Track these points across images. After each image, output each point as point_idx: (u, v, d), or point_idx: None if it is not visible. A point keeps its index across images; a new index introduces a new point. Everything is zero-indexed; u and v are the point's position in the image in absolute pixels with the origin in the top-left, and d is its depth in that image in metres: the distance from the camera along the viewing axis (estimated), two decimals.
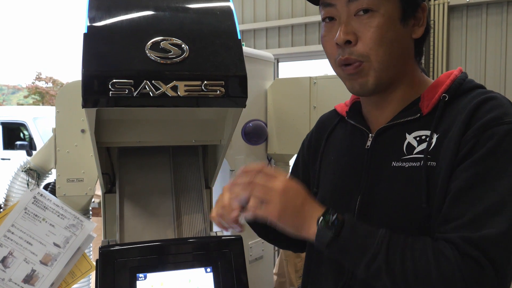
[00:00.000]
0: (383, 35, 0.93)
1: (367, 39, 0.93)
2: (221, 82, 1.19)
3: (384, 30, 0.93)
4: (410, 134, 0.96)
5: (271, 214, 0.89)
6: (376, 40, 0.93)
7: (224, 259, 1.28)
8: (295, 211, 0.89)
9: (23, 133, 8.53)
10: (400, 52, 0.97)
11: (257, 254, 2.54)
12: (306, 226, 0.89)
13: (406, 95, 1.01)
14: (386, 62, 0.95)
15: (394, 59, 0.96)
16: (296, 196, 0.90)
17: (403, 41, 0.97)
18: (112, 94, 1.12)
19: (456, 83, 0.97)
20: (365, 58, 0.94)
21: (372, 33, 0.93)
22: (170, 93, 1.15)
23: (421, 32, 1.00)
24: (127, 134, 1.43)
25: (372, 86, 0.97)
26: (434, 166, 0.90)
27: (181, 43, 1.19)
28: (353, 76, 0.98)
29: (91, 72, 1.12)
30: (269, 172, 0.91)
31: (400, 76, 1.00)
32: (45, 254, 1.61)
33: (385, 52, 0.94)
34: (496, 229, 0.80)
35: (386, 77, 0.97)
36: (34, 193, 1.64)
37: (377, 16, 0.93)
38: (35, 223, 1.62)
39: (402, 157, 0.95)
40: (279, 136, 2.60)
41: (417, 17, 0.99)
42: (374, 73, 0.95)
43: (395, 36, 0.95)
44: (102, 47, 1.15)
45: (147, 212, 1.55)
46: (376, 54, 0.94)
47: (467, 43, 6.11)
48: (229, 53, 1.23)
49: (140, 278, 1.20)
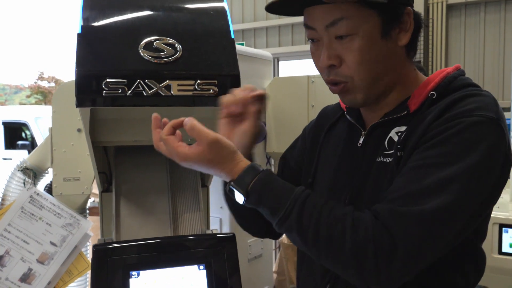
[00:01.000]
0: (365, 56, 0.93)
1: (350, 62, 0.94)
2: (214, 81, 1.20)
3: (365, 51, 0.93)
4: (393, 129, 0.97)
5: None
6: (358, 62, 0.93)
7: (217, 256, 1.29)
8: (208, 171, 0.95)
9: (25, 133, 8.55)
10: (386, 65, 0.96)
11: (256, 253, 2.55)
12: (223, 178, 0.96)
13: (400, 96, 1.00)
14: (371, 80, 0.96)
15: (381, 74, 0.96)
16: (199, 166, 0.94)
17: (389, 53, 0.96)
18: (106, 93, 1.13)
19: (446, 81, 0.95)
20: (349, 79, 0.96)
21: (354, 56, 0.93)
22: (163, 92, 1.16)
23: (408, 38, 0.96)
24: (123, 133, 1.43)
25: (361, 101, 0.99)
26: (401, 156, 0.91)
27: (175, 43, 1.20)
28: (341, 94, 1.00)
29: (84, 72, 1.13)
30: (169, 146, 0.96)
31: (391, 83, 0.99)
32: (41, 253, 1.62)
33: (369, 72, 0.95)
34: (422, 208, 0.80)
35: (375, 91, 0.98)
36: (31, 192, 1.65)
37: (356, 39, 0.92)
38: (31, 222, 1.63)
39: (383, 151, 0.96)
40: (277, 134, 2.61)
41: (403, 22, 0.96)
42: (361, 91, 0.97)
43: (379, 53, 0.94)
44: (95, 47, 1.17)
45: (143, 211, 1.56)
46: (359, 75, 0.94)
47: (465, 41, 6.10)
48: (223, 53, 1.24)
49: (133, 276, 1.21)
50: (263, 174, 0.91)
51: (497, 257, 2.14)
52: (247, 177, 0.91)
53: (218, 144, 0.91)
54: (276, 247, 3.24)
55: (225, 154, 0.92)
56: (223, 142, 0.92)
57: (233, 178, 0.92)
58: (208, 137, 0.91)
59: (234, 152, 0.93)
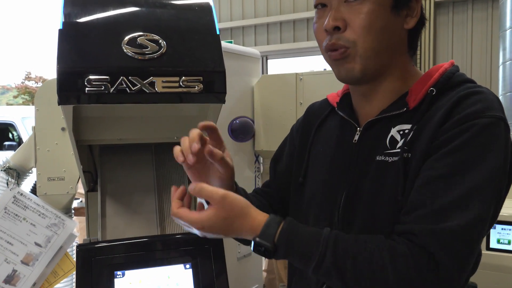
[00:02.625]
0: (373, 22, 0.91)
1: (356, 26, 0.92)
2: (199, 77, 1.18)
3: (373, 17, 0.91)
4: (394, 127, 0.95)
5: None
6: (365, 26, 0.91)
7: (203, 255, 1.28)
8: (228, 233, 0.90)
9: (12, 134, 8.46)
10: (390, 41, 0.95)
11: (245, 251, 2.54)
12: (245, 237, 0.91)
13: (396, 88, 0.99)
14: (373, 50, 0.93)
15: (383, 47, 0.94)
16: (218, 230, 0.89)
17: (394, 30, 0.95)
18: (88, 90, 1.11)
19: (444, 77, 0.94)
20: (351, 44, 0.93)
21: (361, 19, 0.91)
22: (147, 89, 1.14)
23: (414, 23, 0.96)
24: (107, 131, 1.42)
25: (358, 74, 0.95)
26: (409, 158, 0.89)
27: (159, 39, 1.18)
28: (339, 61, 0.96)
29: (66, 69, 1.11)
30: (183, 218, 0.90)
31: (389, 67, 0.98)
32: (26, 254, 1.59)
33: (373, 40, 0.92)
34: (458, 222, 0.79)
35: (373, 66, 0.95)
36: (14, 192, 1.62)
37: (367, 2, 0.91)
38: (15, 222, 1.60)
39: (385, 151, 0.94)
40: (266, 132, 2.59)
41: (411, 7, 0.96)
42: (360, 60, 0.94)
43: (385, 24, 0.92)
44: (77, 43, 1.14)
45: (129, 210, 1.54)
46: (364, 41, 0.92)
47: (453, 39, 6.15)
48: (208, 49, 1.22)
49: (118, 276, 1.19)
50: (286, 223, 0.88)
51: (485, 253, 2.15)
52: (270, 230, 0.87)
53: (229, 199, 0.87)
54: None
55: (239, 209, 0.88)
56: (233, 196, 0.89)
57: (256, 234, 0.88)
58: (218, 193, 0.87)
59: (248, 206, 0.90)
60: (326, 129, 1.13)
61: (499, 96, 3.78)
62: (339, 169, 1.03)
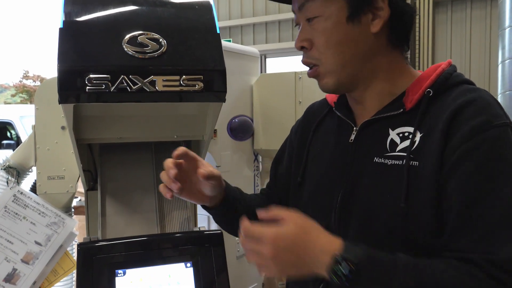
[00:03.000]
0: (329, 38, 0.94)
1: (318, 45, 0.96)
2: (199, 76, 1.18)
3: (329, 33, 0.94)
4: (393, 130, 0.94)
5: (274, 275, 0.87)
6: (323, 44, 0.95)
7: (204, 254, 1.28)
8: (296, 267, 0.83)
9: (10, 132, 8.44)
10: (355, 51, 0.95)
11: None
12: (317, 272, 0.83)
13: (385, 89, 0.98)
14: (338, 64, 0.96)
15: (348, 59, 0.95)
16: (291, 253, 0.82)
17: (357, 39, 0.94)
18: (89, 89, 1.11)
19: (442, 78, 0.93)
20: (318, 61, 0.97)
21: (320, 38, 0.95)
22: (148, 88, 1.14)
23: (379, 26, 0.94)
24: (107, 130, 1.42)
25: (334, 87, 0.99)
26: (416, 166, 0.88)
27: (159, 38, 1.18)
28: (315, 78, 1.01)
29: (66, 67, 1.11)
30: (255, 233, 0.83)
31: (370, 72, 0.97)
32: (26, 253, 1.59)
33: (334, 55, 0.95)
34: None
35: (345, 77, 0.97)
36: (14, 191, 1.62)
37: (321, 21, 0.95)
38: (15, 221, 1.60)
39: (384, 153, 0.93)
40: (265, 131, 2.60)
41: (375, 11, 0.93)
42: (331, 75, 0.97)
43: (343, 37, 0.94)
44: (78, 42, 1.14)
45: (129, 209, 1.54)
46: (326, 58, 0.96)
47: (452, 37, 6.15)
48: (208, 48, 1.23)
49: (119, 274, 1.19)
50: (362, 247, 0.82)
51: None
52: (352, 251, 0.80)
53: (300, 216, 0.85)
54: None
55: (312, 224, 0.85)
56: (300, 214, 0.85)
57: (335, 250, 0.80)
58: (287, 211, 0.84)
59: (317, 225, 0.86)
60: (324, 129, 1.13)
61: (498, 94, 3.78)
62: (335, 169, 1.02)
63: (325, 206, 1.01)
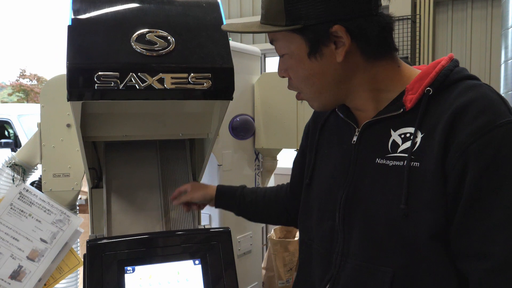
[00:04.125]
0: (297, 74, 0.98)
1: (292, 77, 1.00)
2: (208, 74, 1.19)
3: (295, 69, 0.98)
4: (395, 131, 0.93)
5: None
6: (295, 79, 0.99)
7: (212, 251, 1.28)
8: None
9: (8, 131, 8.42)
10: (327, 79, 0.95)
11: (245, 249, 2.54)
12: None
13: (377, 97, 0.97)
14: (315, 92, 0.99)
15: (321, 88, 0.97)
16: None
17: (324, 71, 0.94)
18: (98, 86, 1.11)
19: (441, 75, 0.91)
20: (299, 89, 1.02)
21: (291, 73, 0.99)
22: (156, 85, 1.15)
23: (341, 55, 0.91)
24: (113, 128, 1.42)
25: (320, 109, 1.04)
26: (417, 167, 0.87)
27: (167, 35, 1.18)
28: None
29: (76, 65, 1.11)
30: None
31: (352, 87, 0.97)
32: (31, 250, 1.59)
33: (308, 85, 0.98)
34: None
35: (328, 100, 1.00)
36: (20, 188, 1.62)
37: (288, 58, 0.98)
38: (21, 218, 1.60)
39: (386, 154, 0.92)
40: (266, 130, 2.60)
41: (337, 39, 0.91)
42: (313, 100, 1.01)
43: (309, 72, 0.95)
44: (86, 39, 1.15)
45: (134, 207, 1.55)
46: (303, 88, 1.00)
47: (452, 37, 6.15)
48: (216, 46, 1.23)
49: (128, 271, 1.20)
50: None
51: None
52: None
53: None
54: (264, 243, 3.24)
55: None
56: None
57: None
58: None
59: None
60: (329, 128, 1.13)
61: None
62: (340, 170, 1.02)
63: (330, 207, 1.02)
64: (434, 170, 0.84)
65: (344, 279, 0.96)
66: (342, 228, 0.98)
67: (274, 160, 2.71)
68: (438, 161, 0.84)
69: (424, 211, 0.85)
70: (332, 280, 0.99)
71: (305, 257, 1.10)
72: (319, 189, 1.08)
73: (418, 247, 0.86)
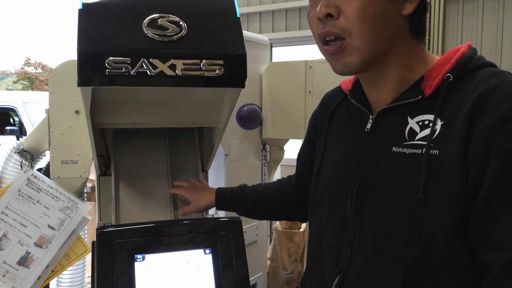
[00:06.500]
0: (366, 9, 0.87)
1: (349, 13, 0.87)
2: (220, 61, 1.16)
3: (367, 3, 0.87)
4: (412, 118, 0.90)
5: None
6: (358, 14, 0.87)
7: (223, 240, 1.27)
8: None
9: (13, 119, 8.43)
10: (386, 29, 0.89)
11: (251, 239, 2.54)
12: None
13: (403, 74, 0.94)
14: (370, 39, 0.88)
15: (379, 35, 0.89)
16: None
17: (390, 17, 0.89)
18: (109, 72, 1.09)
19: (462, 62, 0.88)
20: (347, 33, 0.89)
21: (354, 6, 0.87)
22: (168, 72, 1.13)
23: (412, 9, 0.90)
24: (122, 115, 1.40)
25: (356, 66, 0.92)
26: (436, 155, 0.84)
27: (179, 21, 1.16)
28: (335, 56, 0.92)
29: (86, 50, 1.09)
30: None
31: (389, 54, 0.93)
32: (39, 236, 1.59)
33: (368, 28, 0.87)
34: None
35: (371, 56, 0.90)
36: (28, 174, 1.61)
37: None
38: (29, 205, 1.59)
39: (403, 142, 0.90)
40: (274, 120, 2.58)
41: None
42: (358, 52, 0.90)
43: (380, 11, 0.87)
44: (97, 23, 1.12)
45: (143, 195, 1.54)
46: (359, 30, 0.87)
47: (463, 28, 6.08)
48: (228, 32, 1.20)
49: (138, 259, 1.19)
50: None
51: None
52: None
53: None
54: (269, 234, 3.23)
55: None
56: None
57: None
58: None
59: None
60: (339, 117, 1.10)
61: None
62: (352, 159, 0.99)
63: (341, 196, 0.99)
64: (455, 158, 0.81)
65: (354, 272, 0.94)
66: (353, 219, 0.95)
67: (281, 150, 2.69)
68: (460, 149, 0.81)
69: (443, 200, 0.82)
70: (342, 273, 0.96)
71: (315, 249, 1.08)
72: (328, 178, 1.06)
73: (434, 239, 0.83)
